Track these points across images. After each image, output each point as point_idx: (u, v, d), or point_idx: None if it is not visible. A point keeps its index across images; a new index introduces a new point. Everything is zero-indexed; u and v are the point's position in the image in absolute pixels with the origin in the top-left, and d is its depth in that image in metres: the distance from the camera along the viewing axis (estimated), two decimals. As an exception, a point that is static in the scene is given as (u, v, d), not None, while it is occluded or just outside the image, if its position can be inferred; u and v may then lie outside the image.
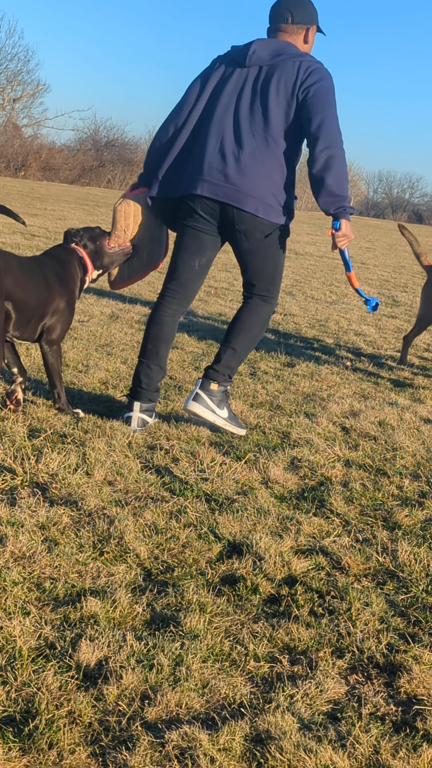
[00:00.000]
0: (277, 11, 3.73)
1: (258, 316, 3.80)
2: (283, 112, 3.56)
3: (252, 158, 3.57)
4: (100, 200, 22.63)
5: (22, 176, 34.02)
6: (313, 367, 5.50)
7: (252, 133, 3.57)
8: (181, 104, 3.72)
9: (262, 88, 3.58)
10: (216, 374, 3.76)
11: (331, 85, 3.59)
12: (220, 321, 6.88)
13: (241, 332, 3.79)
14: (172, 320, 3.80)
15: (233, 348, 3.78)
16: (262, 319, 3.82)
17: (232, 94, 3.63)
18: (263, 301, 3.81)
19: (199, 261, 3.76)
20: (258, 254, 3.71)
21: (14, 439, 3.33)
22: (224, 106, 3.62)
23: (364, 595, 2.45)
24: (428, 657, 2.17)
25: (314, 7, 3.77)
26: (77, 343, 5.27)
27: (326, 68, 3.61)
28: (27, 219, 11.57)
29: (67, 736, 1.74)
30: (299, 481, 3.33)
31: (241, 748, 1.77)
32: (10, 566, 2.37)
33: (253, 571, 2.51)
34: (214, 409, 3.73)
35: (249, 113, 3.59)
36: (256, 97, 3.59)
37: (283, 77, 3.55)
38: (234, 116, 3.61)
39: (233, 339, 3.79)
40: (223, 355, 3.78)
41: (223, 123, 3.61)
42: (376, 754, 1.80)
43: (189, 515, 2.85)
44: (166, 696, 1.88)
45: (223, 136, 3.60)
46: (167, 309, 3.79)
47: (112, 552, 2.54)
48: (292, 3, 3.71)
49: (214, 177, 3.58)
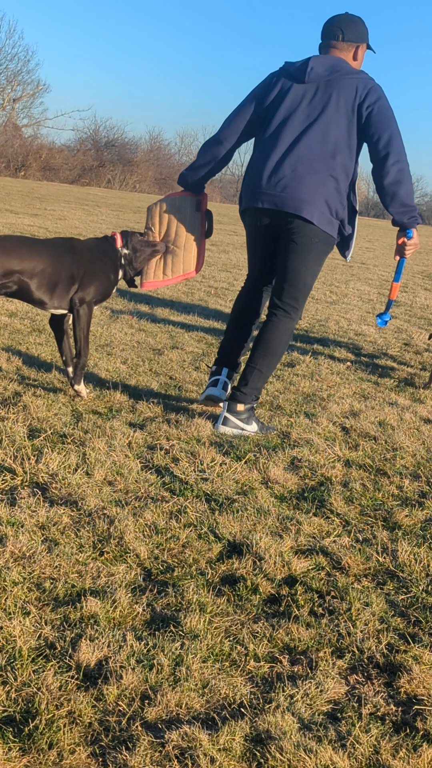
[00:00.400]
0: (329, 28, 3.93)
1: (281, 334, 3.93)
2: (343, 128, 3.76)
3: (309, 170, 3.75)
4: (100, 200, 22.63)
5: (22, 176, 34.01)
6: (313, 367, 5.50)
7: (311, 146, 3.76)
8: (234, 118, 3.95)
9: (321, 103, 3.78)
10: (243, 396, 3.89)
11: (388, 101, 3.81)
12: (220, 321, 6.88)
13: (267, 353, 3.93)
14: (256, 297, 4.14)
15: (259, 370, 3.92)
16: (286, 336, 3.96)
17: (290, 109, 3.81)
18: (286, 317, 3.93)
19: (270, 261, 4.03)
20: (299, 258, 3.86)
21: (14, 439, 3.33)
22: (283, 120, 3.81)
23: (364, 595, 2.45)
24: (428, 657, 2.17)
25: (365, 25, 3.96)
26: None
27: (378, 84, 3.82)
28: (27, 219, 11.60)
29: (67, 736, 1.74)
30: (299, 481, 3.33)
31: (241, 748, 1.77)
32: (10, 566, 2.37)
33: (253, 571, 2.51)
34: (243, 427, 3.88)
35: (308, 127, 3.77)
36: (315, 112, 3.78)
37: (342, 93, 3.76)
38: (293, 130, 3.79)
39: (258, 360, 3.93)
40: (250, 377, 3.91)
41: (283, 136, 3.80)
42: (376, 754, 1.80)
43: (189, 515, 2.85)
44: (166, 696, 1.88)
45: (283, 149, 3.79)
46: (250, 288, 4.13)
47: (112, 552, 2.54)
48: (343, 21, 3.92)
49: (273, 188, 3.79)
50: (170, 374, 4.79)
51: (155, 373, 4.79)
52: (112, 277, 4.06)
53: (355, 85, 3.76)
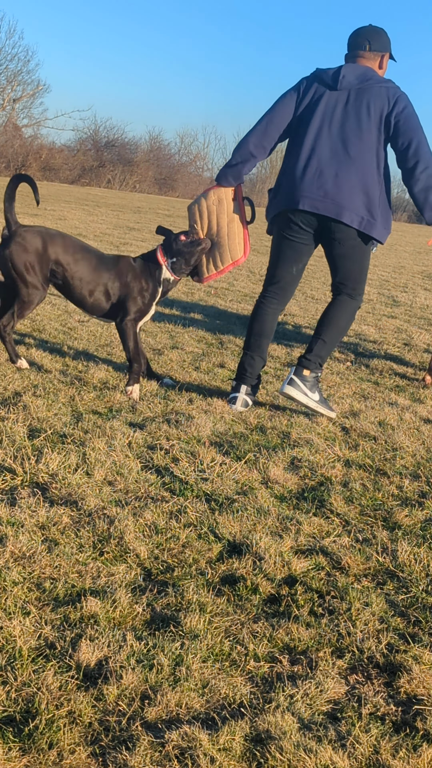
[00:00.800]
0: (356, 39, 4.19)
1: (345, 311, 4.24)
2: (374, 133, 4.01)
3: (347, 174, 4.00)
4: (100, 200, 22.63)
5: (22, 176, 33.91)
6: (313, 367, 5.49)
7: (346, 151, 4.01)
8: (269, 121, 4.16)
9: (353, 110, 4.03)
10: (308, 362, 4.20)
11: (414, 108, 4.05)
12: (220, 321, 6.88)
13: (331, 325, 4.23)
14: (272, 318, 4.33)
15: (323, 339, 4.23)
16: (349, 312, 4.26)
17: (324, 115, 4.06)
18: (350, 298, 4.24)
19: (296, 267, 4.27)
20: (348, 258, 4.16)
21: (14, 439, 3.33)
22: (318, 125, 4.05)
23: (364, 595, 2.45)
24: (428, 657, 2.17)
25: (388, 36, 4.24)
26: (77, 343, 5.27)
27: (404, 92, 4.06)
28: (27, 219, 11.56)
29: (67, 736, 1.74)
30: (299, 481, 3.33)
31: (241, 748, 1.77)
32: (10, 566, 2.37)
33: (253, 571, 2.51)
34: (306, 392, 4.18)
35: (342, 133, 4.03)
36: (348, 118, 4.03)
37: (373, 101, 4.01)
38: (328, 135, 4.04)
39: (323, 331, 4.23)
40: (314, 345, 4.23)
41: (318, 141, 4.05)
42: (376, 754, 1.80)
43: (189, 515, 2.85)
44: (166, 696, 1.88)
45: (320, 154, 4.04)
46: (268, 308, 4.32)
47: (112, 552, 2.54)
48: (369, 32, 4.19)
49: (314, 192, 4.03)
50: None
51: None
52: (149, 297, 4.37)
53: (386, 94, 4.01)
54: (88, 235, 11.91)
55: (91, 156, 39.15)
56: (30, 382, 4.24)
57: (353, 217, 4.01)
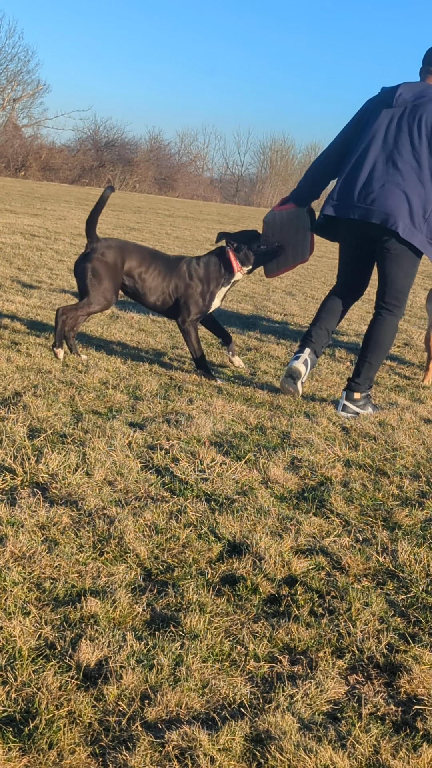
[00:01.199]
0: (429, 55, 4.48)
1: (387, 329, 4.48)
2: (425, 147, 4.26)
3: (395, 185, 4.27)
4: (100, 200, 22.60)
5: (22, 176, 34.01)
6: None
7: (398, 165, 4.28)
8: (341, 139, 4.55)
9: (407, 125, 4.30)
10: (357, 386, 4.45)
11: None
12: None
13: (376, 347, 4.47)
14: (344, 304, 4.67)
15: (369, 362, 4.47)
16: (392, 330, 4.50)
17: (380, 130, 4.36)
18: (390, 314, 4.47)
19: (357, 272, 4.60)
20: (393, 264, 4.38)
21: (14, 439, 3.33)
22: (375, 140, 4.35)
23: (364, 595, 2.45)
24: (428, 657, 2.17)
25: None
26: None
27: None
28: (27, 219, 11.59)
29: (67, 736, 1.74)
30: (299, 481, 3.33)
31: (241, 748, 1.77)
32: (10, 566, 2.37)
33: (253, 571, 2.51)
34: (359, 412, 4.44)
35: (396, 147, 4.30)
36: (401, 133, 4.31)
37: (425, 116, 4.27)
38: (383, 149, 4.33)
39: (369, 354, 4.48)
40: (362, 369, 4.48)
41: (374, 155, 4.34)
42: (376, 754, 1.80)
43: (189, 515, 2.85)
44: (166, 696, 1.88)
45: (374, 167, 4.33)
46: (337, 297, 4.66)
47: (112, 552, 2.54)
48: None
49: (363, 202, 4.32)
50: (170, 374, 4.80)
51: (155, 373, 4.79)
52: (209, 297, 4.85)
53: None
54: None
55: (91, 156, 39.14)
56: (30, 382, 4.24)
57: (398, 224, 4.23)
